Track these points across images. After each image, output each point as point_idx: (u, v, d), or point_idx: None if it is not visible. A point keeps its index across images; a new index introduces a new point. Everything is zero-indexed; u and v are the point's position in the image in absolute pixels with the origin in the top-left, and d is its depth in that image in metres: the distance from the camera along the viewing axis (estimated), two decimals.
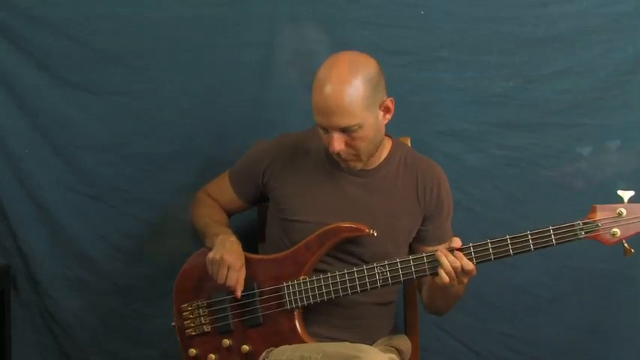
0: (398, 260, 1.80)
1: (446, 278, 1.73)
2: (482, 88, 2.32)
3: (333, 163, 1.90)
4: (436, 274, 1.74)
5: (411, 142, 2.17)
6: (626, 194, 1.70)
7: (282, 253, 1.89)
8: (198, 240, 2.04)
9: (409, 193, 1.92)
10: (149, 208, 2.38)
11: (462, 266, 1.72)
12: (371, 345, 1.88)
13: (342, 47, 2.06)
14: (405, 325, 2.11)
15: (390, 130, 2.25)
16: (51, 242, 2.39)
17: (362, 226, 1.84)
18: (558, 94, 2.31)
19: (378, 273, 1.80)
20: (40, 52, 2.35)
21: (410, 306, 2.11)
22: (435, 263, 1.76)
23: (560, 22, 2.29)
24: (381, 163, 1.92)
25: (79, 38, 2.35)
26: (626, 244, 1.71)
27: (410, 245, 1.96)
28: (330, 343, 1.83)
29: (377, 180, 1.91)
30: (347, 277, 1.82)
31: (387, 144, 1.95)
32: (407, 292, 2.11)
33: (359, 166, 1.87)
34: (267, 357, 1.80)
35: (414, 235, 1.94)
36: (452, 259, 1.72)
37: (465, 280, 1.75)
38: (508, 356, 2.36)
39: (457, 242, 1.74)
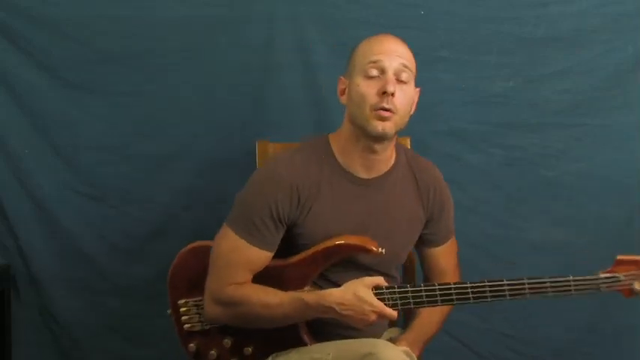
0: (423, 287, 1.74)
1: None
2: (482, 88, 2.33)
3: (346, 177, 1.80)
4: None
5: (411, 142, 2.16)
6: None
7: (287, 262, 1.79)
8: (197, 239, 2.01)
9: (412, 198, 1.86)
10: (149, 208, 2.38)
11: None
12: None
13: (342, 47, 2.07)
14: (405, 325, 2.10)
15: None
16: (51, 242, 2.39)
17: (370, 245, 1.75)
18: (558, 94, 2.31)
19: (387, 298, 1.72)
20: (40, 52, 2.35)
21: None
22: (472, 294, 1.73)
23: (560, 22, 2.30)
24: (388, 170, 1.83)
25: (79, 38, 2.35)
26: None
27: (420, 250, 1.94)
28: (338, 342, 1.79)
29: (385, 187, 1.83)
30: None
31: (394, 152, 1.86)
32: None
33: (389, 130, 1.73)
34: None
35: (415, 239, 1.89)
36: None
37: None
38: (508, 356, 2.36)
39: None
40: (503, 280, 1.71)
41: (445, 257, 1.93)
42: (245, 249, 1.75)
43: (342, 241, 1.76)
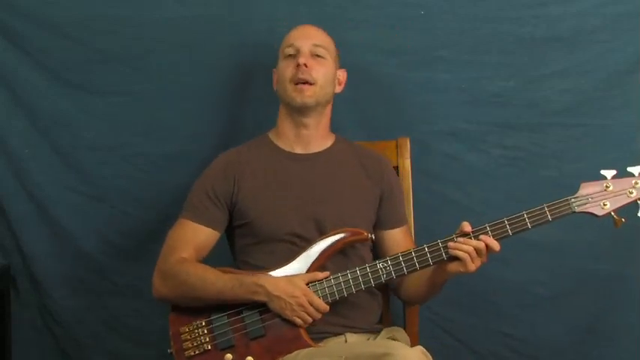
0: (412, 250, 1.83)
1: (471, 265, 1.77)
2: (482, 88, 2.32)
3: (282, 154, 1.99)
4: (455, 258, 1.79)
5: (411, 142, 2.17)
6: (609, 173, 1.83)
7: (281, 267, 1.87)
8: None
9: (357, 172, 2.00)
10: (149, 208, 2.38)
11: (487, 246, 1.78)
12: (374, 338, 1.90)
13: (342, 47, 2.07)
14: (404, 325, 2.11)
15: (391, 130, 2.26)
16: (51, 242, 2.39)
17: (360, 231, 1.88)
18: (558, 94, 2.31)
19: (380, 268, 1.82)
20: (40, 52, 2.35)
21: (409, 306, 2.11)
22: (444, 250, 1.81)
23: (560, 22, 2.29)
24: (327, 148, 2.02)
25: (79, 38, 2.35)
26: (615, 216, 1.82)
27: (380, 234, 2.01)
28: (350, 343, 1.84)
29: (325, 161, 1.99)
30: (349, 277, 1.84)
31: (332, 137, 2.05)
32: None
33: (308, 100, 1.94)
34: None
35: (373, 213, 1.99)
36: (475, 243, 1.77)
37: (483, 261, 1.80)
38: (508, 356, 2.35)
39: (467, 227, 1.80)
40: (485, 225, 1.82)
41: (403, 240, 2.00)
42: (188, 226, 1.94)
43: (335, 237, 1.87)
